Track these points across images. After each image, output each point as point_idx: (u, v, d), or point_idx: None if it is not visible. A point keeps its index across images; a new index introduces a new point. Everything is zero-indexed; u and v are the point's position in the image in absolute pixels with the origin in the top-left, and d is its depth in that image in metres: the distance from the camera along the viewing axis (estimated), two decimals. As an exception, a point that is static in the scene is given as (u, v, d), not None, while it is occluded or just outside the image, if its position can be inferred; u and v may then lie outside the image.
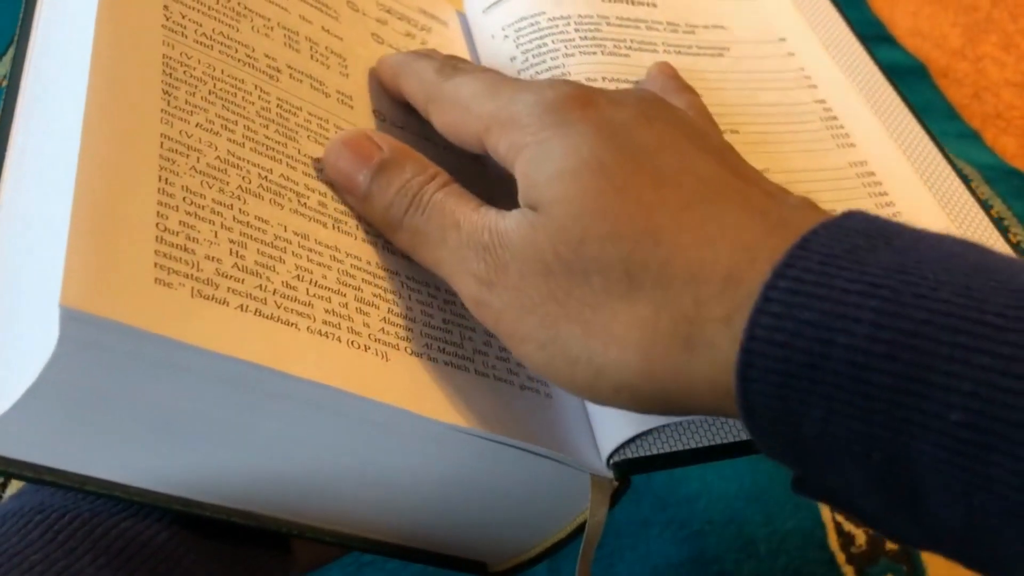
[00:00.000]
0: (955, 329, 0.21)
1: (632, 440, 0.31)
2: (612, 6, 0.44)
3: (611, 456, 0.31)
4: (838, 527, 0.48)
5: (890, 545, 0.47)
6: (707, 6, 0.46)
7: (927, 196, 0.39)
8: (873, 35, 0.75)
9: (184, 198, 0.27)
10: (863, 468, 0.22)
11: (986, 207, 0.61)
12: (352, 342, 0.27)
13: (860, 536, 0.47)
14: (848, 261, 0.23)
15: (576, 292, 0.26)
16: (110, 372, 0.24)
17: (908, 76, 0.72)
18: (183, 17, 0.31)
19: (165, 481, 0.26)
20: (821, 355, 0.22)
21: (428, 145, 0.36)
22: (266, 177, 0.30)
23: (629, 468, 0.30)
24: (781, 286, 0.23)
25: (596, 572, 0.43)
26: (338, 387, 0.26)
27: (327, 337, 0.27)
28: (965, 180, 0.41)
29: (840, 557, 0.47)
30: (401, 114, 0.37)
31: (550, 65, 0.40)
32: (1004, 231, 0.60)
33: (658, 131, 0.29)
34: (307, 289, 0.28)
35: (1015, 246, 0.60)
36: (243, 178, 0.29)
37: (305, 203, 0.30)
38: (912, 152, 0.41)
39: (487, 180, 0.34)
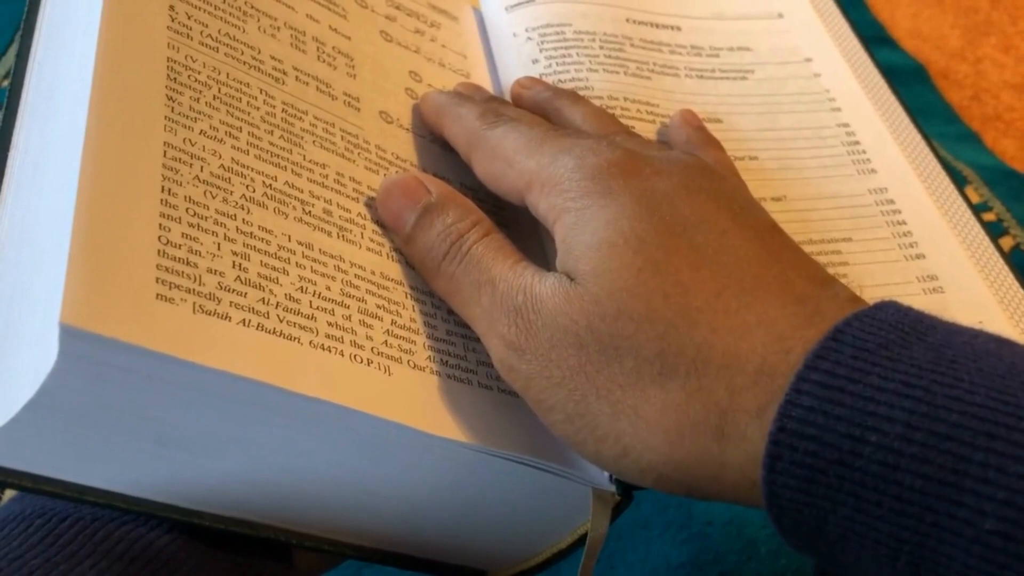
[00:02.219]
0: (990, 435, 0.21)
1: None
2: (637, 28, 0.44)
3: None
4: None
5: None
6: (734, 27, 0.45)
7: (944, 225, 0.38)
8: (873, 36, 0.75)
9: (187, 209, 0.26)
10: (889, 570, 0.22)
11: (985, 209, 0.62)
12: (355, 356, 0.27)
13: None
14: (881, 356, 0.23)
15: (607, 370, 0.26)
16: (110, 387, 0.23)
17: (908, 78, 0.72)
18: (189, 18, 0.31)
19: (164, 491, 0.26)
20: (851, 452, 0.22)
21: (435, 148, 0.36)
22: (270, 185, 0.29)
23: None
24: (813, 379, 0.23)
25: (596, 574, 0.43)
26: (340, 403, 0.25)
27: (330, 351, 0.27)
28: (962, 183, 0.41)
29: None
30: (408, 116, 0.36)
31: (574, 76, 0.40)
32: (1003, 233, 0.60)
33: (699, 204, 0.28)
34: (310, 301, 0.27)
35: (1015, 248, 0.60)
36: (247, 187, 0.28)
37: (310, 211, 0.30)
38: (926, 175, 0.40)
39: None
